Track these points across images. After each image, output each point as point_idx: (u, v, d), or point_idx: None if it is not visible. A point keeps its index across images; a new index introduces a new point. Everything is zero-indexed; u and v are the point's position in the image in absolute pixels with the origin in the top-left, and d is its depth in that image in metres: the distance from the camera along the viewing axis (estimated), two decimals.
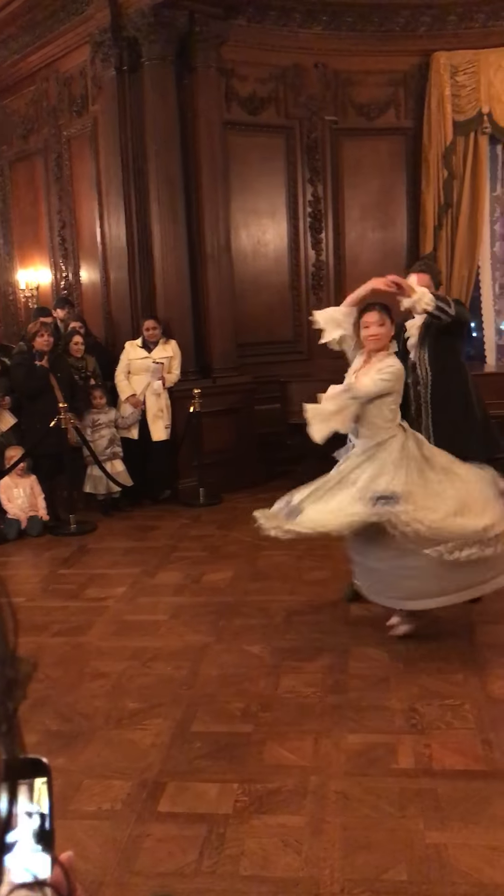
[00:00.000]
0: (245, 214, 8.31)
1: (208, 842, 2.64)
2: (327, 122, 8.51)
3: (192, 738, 3.31)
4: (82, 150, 8.30)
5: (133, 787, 2.96)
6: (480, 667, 3.84)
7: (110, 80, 7.55)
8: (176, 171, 7.44)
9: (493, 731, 3.24)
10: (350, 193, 8.70)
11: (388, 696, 3.58)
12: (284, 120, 8.41)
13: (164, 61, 7.30)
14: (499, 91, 8.35)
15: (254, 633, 4.38)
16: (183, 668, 3.97)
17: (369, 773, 2.99)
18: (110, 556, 6.04)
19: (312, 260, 8.68)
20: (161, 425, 7.33)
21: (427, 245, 8.57)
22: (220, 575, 5.41)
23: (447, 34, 8.41)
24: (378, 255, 8.75)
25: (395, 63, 8.50)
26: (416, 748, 3.14)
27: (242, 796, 2.88)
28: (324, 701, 3.58)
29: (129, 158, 7.54)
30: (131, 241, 7.65)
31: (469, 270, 8.66)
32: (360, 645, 4.17)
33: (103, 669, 4.00)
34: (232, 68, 7.96)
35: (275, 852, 2.58)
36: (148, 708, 3.58)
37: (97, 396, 7.14)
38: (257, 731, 3.34)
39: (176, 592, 5.15)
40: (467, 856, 2.51)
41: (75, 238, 8.62)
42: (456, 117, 8.38)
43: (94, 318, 8.25)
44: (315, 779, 2.97)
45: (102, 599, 5.05)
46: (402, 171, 8.77)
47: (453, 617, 4.46)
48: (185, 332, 7.62)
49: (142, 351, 7.35)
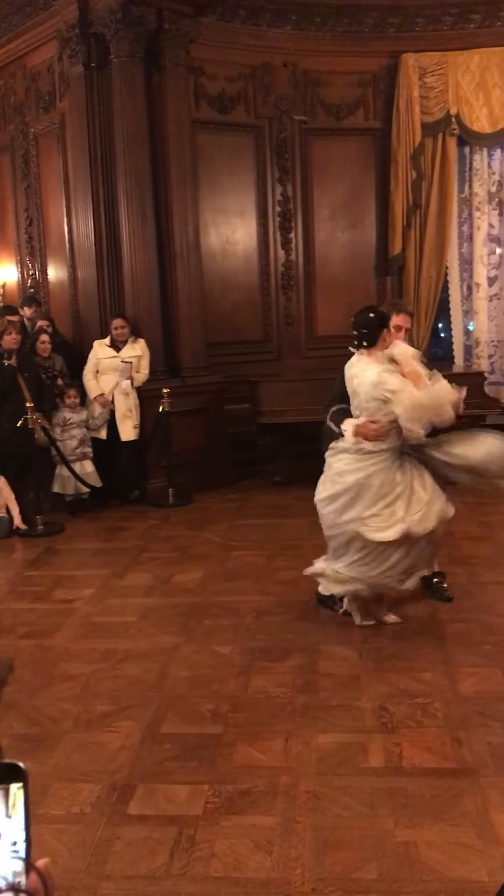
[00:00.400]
0: (214, 213, 8.29)
1: (178, 844, 2.62)
2: (296, 122, 8.52)
3: (161, 739, 3.29)
4: (50, 147, 8.22)
5: (102, 789, 2.93)
6: (449, 665, 3.86)
7: (78, 77, 7.48)
8: (144, 169, 7.39)
9: (463, 728, 3.26)
10: (319, 193, 8.72)
11: (358, 696, 3.59)
12: (254, 119, 8.40)
13: (133, 59, 7.26)
14: (466, 93, 8.41)
15: (224, 634, 4.37)
16: (152, 670, 3.95)
17: (340, 773, 2.99)
18: (78, 557, 5.99)
19: (282, 260, 8.69)
20: (130, 425, 7.28)
21: (396, 245, 8.62)
22: (189, 576, 5.39)
23: (415, 36, 8.46)
24: (347, 256, 8.79)
25: (364, 64, 8.53)
26: (386, 747, 3.15)
27: (213, 797, 2.87)
28: (294, 701, 3.57)
29: (98, 156, 7.48)
30: (99, 239, 7.59)
31: (437, 271, 8.72)
32: (330, 644, 4.17)
33: (72, 672, 3.96)
34: (201, 67, 7.93)
35: (245, 853, 2.56)
36: (117, 710, 3.55)
37: (71, 395, 7.08)
38: (227, 732, 3.33)
39: (145, 594, 5.11)
40: (437, 853, 2.52)
41: (42, 236, 8.54)
42: (424, 118, 8.44)
43: (61, 316, 8.17)
44: (286, 779, 2.96)
45: (71, 601, 5.00)
46: (370, 172, 8.80)
47: (422, 616, 4.49)
48: (154, 331, 7.58)
49: (110, 350, 7.30)
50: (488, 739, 3.16)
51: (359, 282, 8.79)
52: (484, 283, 8.86)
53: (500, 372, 9.02)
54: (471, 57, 8.36)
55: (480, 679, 3.69)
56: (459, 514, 6.58)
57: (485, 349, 8.93)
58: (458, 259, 8.90)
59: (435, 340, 9.25)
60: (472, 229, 8.82)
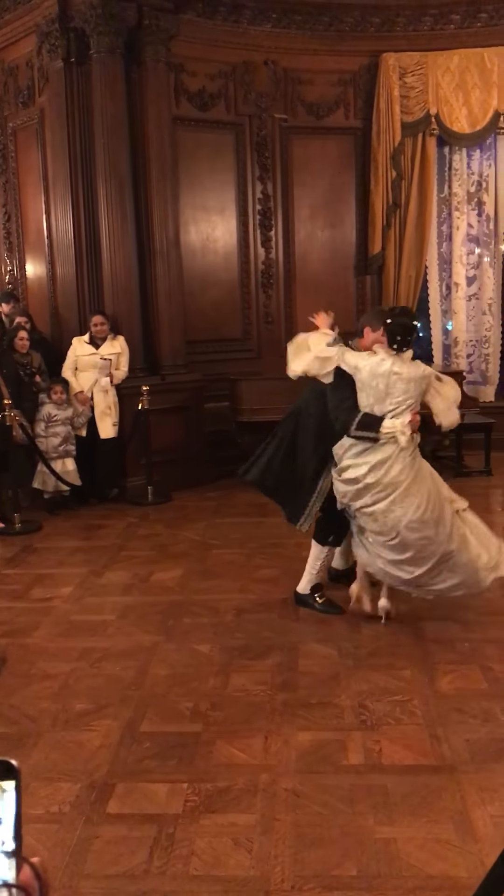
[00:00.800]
0: (194, 211, 8.27)
1: (158, 842, 2.62)
2: (277, 120, 8.52)
3: (141, 738, 3.28)
4: (29, 142, 8.16)
5: (81, 788, 2.92)
6: (428, 663, 3.88)
7: (57, 72, 7.43)
8: (124, 165, 7.35)
9: (441, 726, 3.28)
10: (299, 192, 8.73)
11: (337, 693, 3.60)
12: (234, 117, 8.39)
13: (113, 54, 7.22)
14: (446, 93, 8.45)
15: (203, 632, 4.36)
16: (131, 669, 3.93)
17: (319, 770, 3.00)
18: (56, 555, 5.95)
19: (262, 258, 8.68)
20: (109, 423, 7.25)
21: (375, 245, 8.65)
22: (168, 574, 5.38)
23: (396, 36, 8.49)
24: (327, 254, 8.80)
25: (345, 63, 8.55)
26: (365, 744, 3.16)
27: (192, 796, 2.86)
28: (273, 699, 3.57)
29: (77, 152, 7.43)
30: (78, 236, 7.54)
31: (417, 271, 8.76)
32: (309, 643, 4.18)
33: (50, 671, 3.94)
34: (181, 63, 7.91)
35: (225, 851, 2.56)
36: (96, 709, 3.53)
37: (57, 391, 7.03)
38: (207, 731, 3.32)
39: (124, 592, 5.09)
40: (416, 849, 2.53)
41: (21, 231, 8.47)
42: (404, 118, 8.47)
43: (39, 313, 8.11)
44: (265, 777, 2.96)
45: (49, 600, 4.97)
46: (351, 171, 8.82)
47: (401, 615, 4.51)
48: (134, 328, 7.55)
49: (89, 347, 7.26)
50: (466, 736, 3.19)
51: (339, 281, 8.81)
52: (463, 283, 8.91)
53: (479, 371, 9.08)
54: (451, 57, 8.40)
55: (459, 676, 3.72)
56: None
57: (463, 349, 8.98)
58: (438, 259, 8.95)
59: None
60: (452, 229, 8.86)
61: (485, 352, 9.03)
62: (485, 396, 8.93)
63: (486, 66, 8.37)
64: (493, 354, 9.02)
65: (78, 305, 7.65)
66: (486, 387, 9.04)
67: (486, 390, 9.01)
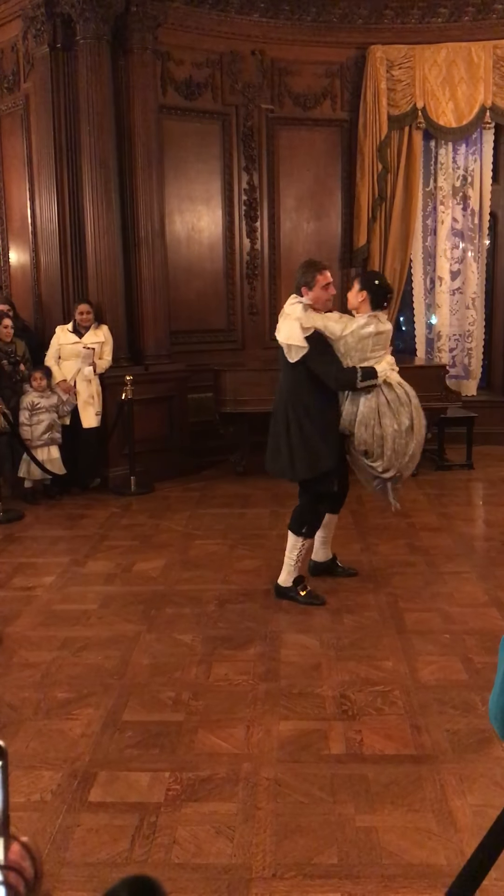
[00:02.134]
0: (180, 200, 8.24)
1: (140, 831, 2.62)
2: (263, 111, 8.49)
3: (123, 727, 3.28)
4: (13, 128, 8.08)
5: (63, 777, 2.92)
6: (409, 654, 3.90)
7: (43, 58, 7.36)
8: (110, 153, 7.30)
9: (422, 716, 3.30)
10: (285, 183, 8.71)
11: (319, 684, 3.62)
12: (220, 106, 8.35)
13: (100, 41, 7.16)
14: (433, 87, 8.45)
15: (185, 622, 4.37)
16: (113, 658, 3.93)
17: (301, 760, 3.02)
18: (38, 544, 5.93)
19: (247, 249, 8.66)
20: (92, 412, 7.22)
21: (361, 237, 8.65)
22: (151, 564, 5.37)
23: (384, 28, 8.48)
24: (312, 246, 8.79)
25: (332, 54, 8.52)
26: (347, 734, 3.18)
27: (174, 784, 2.87)
28: (256, 689, 3.59)
29: (62, 139, 7.37)
30: (63, 224, 7.49)
31: (402, 264, 8.77)
32: (291, 633, 4.20)
33: (32, 660, 3.93)
34: (168, 51, 7.86)
35: (207, 839, 2.57)
36: (78, 698, 3.53)
37: (37, 378, 6.98)
38: (189, 720, 3.33)
39: (106, 581, 5.08)
40: (397, 838, 2.55)
41: (4, 218, 8.40)
42: (391, 111, 8.46)
43: (23, 301, 8.06)
44: (247, 766, 2.98)
45: (30, 588, 4.96)
46: (337, 163, 8.81)
47: (382, 606, 4.53)
48: (118, 317, 7.52)
49: (73, 336, 7.22)
50: (447, 727, 3.21)
51: None
52: (447, 277, 8.93)
53: (462, 365, 9.12)
54: (438, 51, 8.40)
55: (439, 668, 3.75)
56: (419, 505, 6.70)
57: (446, 343, 9.01)
58: (422, 252, 8.96)
59: (397, 333, 9.31)
60: (437, 223, 8.88)
61: (468, 346, 9.06)
62: (467, 390, 8.97)
63: (473, 60, 8.38)
64: (476, 349, 9.06)
65: (62, 294, 7.59)
66: (469, 381, 9.08)
67: (469, 384, 9.05)
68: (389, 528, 6.04)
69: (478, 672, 3.69)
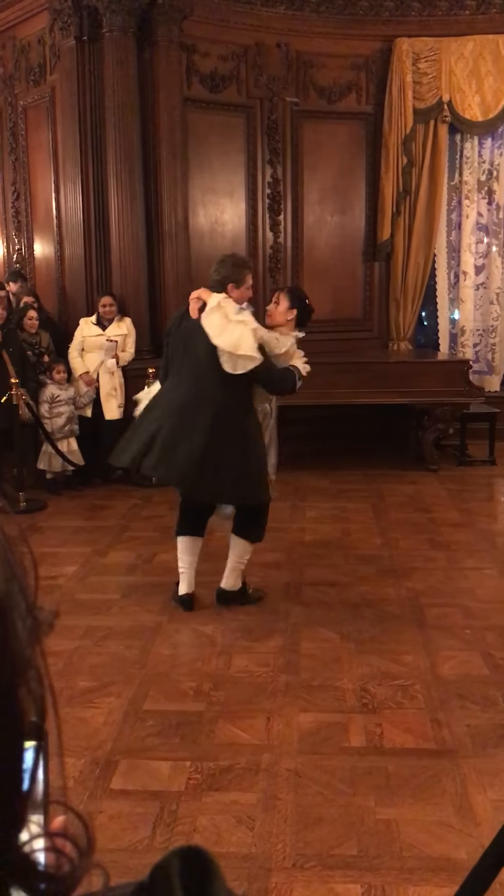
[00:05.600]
0: (203, 193, 8.23)
1: (161, 819, 2.65)
2: (288, 104, 8.46)
3: (144, 716, 3.31)
4: (39, 120, 8.12)
5: (85, 764, 2.95)
6: (429, 649, 3.90)
7: (69, 50, 7.38)
8: (134, 145, 7.32)
9: (442, 710, 3.30)
10: (309, 176, 8.68)
11: (339, 676, 3.62)
12: (245, 99, 8.33)
13: (126, 33, 7.17)
14: (459, 80, 8.39)
15: (206, 613, 4.39)
16: (135, 647, 3.96)
17: (321, 752, 3.03)
18: (60, 534, 5.97)
19: (270, 242, 8.65)
20: (114, 404, 7.25)
21: (384, 231, 8.61)
22: (172, 555, 5.34)
23: (410, 20, 8.42)
24: (336, 240, 8.77)
25: (358, 47, 8.48)
26: (367, 727, 3.19)
27: (195, 774, 2.89)
28: (276, 680, 3.60)
29: (87, 131, 7.39)
30: (87, 216, 7.52)
31: (425, 258, 8.72)
32: (311, 625, 4.21)
33: (54, 648, 3.96)
34: (193, 44, 7.85)
35: (227, 829, 2.59)
36: (100, 686, 3.56)
37: (60, 371, 7.03)
38: (209, 710, 3.35)
39: (128, 572, 5.12)
40: (416, 831, 2.56)
41: (29, 210, 8.44)
42: (416, 104, 8.41)
43: (47, 293, 8.10)
44: (267, 757, 2.99)
45: (53, 578, 4.99)
46: (361, 156, 8.77)
47: (403, 600, 4.53)
48: (141, 309, 7.54)
49: (96, 328, 7.25)
50: (467, 722, 3.21)
51: (347, 266, 8.78)
52: (471, 272, 8.88)
53: (485, 361, 9.07)
54: (465, 44, 8.33)
55: (460, 663, 3.74)
56: (440, 500, 6.68)
57: (470, 338, 8.96)
58: (446, 247, 8.91)
59: (419, 328, 9.28)
60: (461, 217, 8.82)
61: (491, 341, 9.01)
62: (490, 386, 8.91)
63: (501, 52, 8.30)
64: (500, 344, 9.00)
65: (86, 286, 7.63)
66: (492, 376, 9.02)
67: (492, 380, 9.00)
68: (410, 522, 6.02)
69: (498, 667, 3.68)
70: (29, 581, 0.50)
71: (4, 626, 0.47)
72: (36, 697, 0.49)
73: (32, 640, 0.49)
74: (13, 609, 0.48)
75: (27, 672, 0.49)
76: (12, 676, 0.48)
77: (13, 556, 0.50)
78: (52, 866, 0.51)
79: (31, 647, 0.49)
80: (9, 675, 0.47)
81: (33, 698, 0.49)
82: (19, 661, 0.48)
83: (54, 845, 0.51)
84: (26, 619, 0.49)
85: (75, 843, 0.52)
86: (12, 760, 0.49)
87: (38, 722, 0.54)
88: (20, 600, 0.49)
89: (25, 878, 0.48)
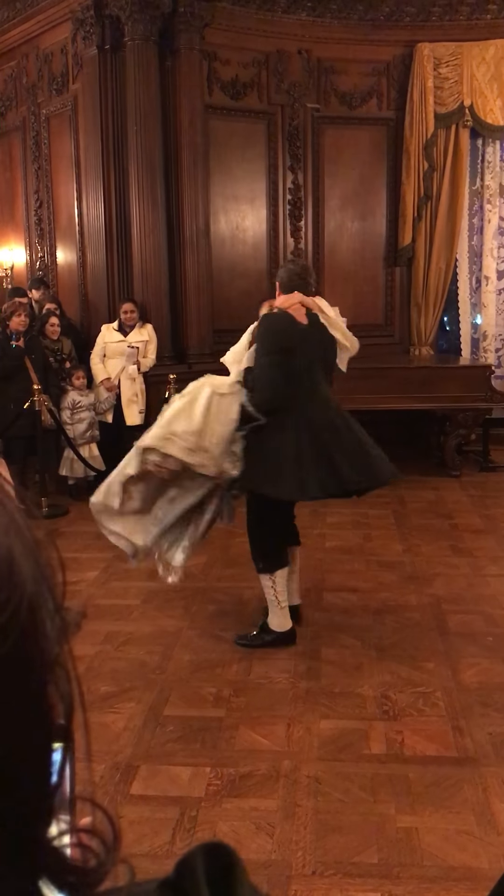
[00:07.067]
0: (224, 199, 8.26)
1: (181, 824, 2.65)
2: (309, 110, 8.47)
3: (164, 721, 3.31)
4: (61, 128, 8.19)
5: (105, 769, 2.96)
6: (451, 656, 3.87)
7: (91, 59, 7.45)
8: (156, 153, 7.36)
9: (464, 718, 3.28)
10: (330, 182, 8.68)
11: (360, 683, 3.61)
12: (266, 106, 8.35)
13: (147, 42, 7.22)
14: (481, 84, 8.36)
15: (227, 619, 4.39)
16: (155, 653, 3.97)
17: (341, 759, 3.01)
18: (82, 540, 5.99)
19: (291, 248, 8.65)
20: (135, 410, 7.28)
21: (406, 236, 8.59)
22: (192, 560, 5.33)
23: (431, 25, 8.41)
24: (357, 245, 8.76)
25: (379, 53, 8.47)
26: (387, 734, 3.17)
27: (215, 780, 2.89)
28: (296, 687, 3.59)
29: (109, 139, 7.45)
30: (109, 223, 7.57)
31: (447, 263, 8.69)
32: (332, 632, 4.19)
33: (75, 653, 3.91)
34: (215, 52, 7.88)
35: (247, 835, 2.59)
36: (120, 691, 3.57)
37: (80, 377, 7.08)
38: (230, 716, 3.35)
39: (149, 577, 5.11)
40: (437, 839, 2.54)
41: (52, 218, 8.52)
42: (438, 109, 8.39)
43: (69, 299, 8.16)
44: (287, 763, 2.98)
45: (74, 583, 5.02)
46: (382, 162, 8.76)
47: (424, 607, 4.50)
48: (162, 316, 7.57)
49: (117, 334, 7.29)
50: (489, 729, 3.19)
51: (368, 272, 8.77)
52: (493, 277, 8.83)
53: None
54: (486, 48, 8.30)
55: (482, 670, 3.71)
56: (462, 506, 6.63)
57: (492, 343, 8.91)
58: (468, 252, 8.87)
59: (441, 333, 9.23)
60: (483, 222, 8.78)
61: None
62: None
63: None
64: None
65: (107, 292, 7.68)
66: None
67: None
68: (432, 529, 5.99)
69: None
70: (57, 581, 0.52)
71: (34, 623, 0.48)
72: (64, 695, 0.51)
73: (61, 639, 0.50)
74: (42, 607, 0.50)
75: (56, 670, 0.50)
76: (42, 673, 0.49)
77: (42, 557, 0.52)
78: (80, 861, 0.52)
79: (59, 645, 0.50)
80: (39, 672, 0.49)
81: (61, 696, 0.50)
82: (48, 658, 0.49)
83: (81, 841, 0.52)
84: (54, 618, 0.50)
85: (102, 838, 0.53)
86: (42, 755, 0.50)
87: (65, 724, 0.55)
88: (49, 599, 0.51)
89: (55, 871, 0.49)
